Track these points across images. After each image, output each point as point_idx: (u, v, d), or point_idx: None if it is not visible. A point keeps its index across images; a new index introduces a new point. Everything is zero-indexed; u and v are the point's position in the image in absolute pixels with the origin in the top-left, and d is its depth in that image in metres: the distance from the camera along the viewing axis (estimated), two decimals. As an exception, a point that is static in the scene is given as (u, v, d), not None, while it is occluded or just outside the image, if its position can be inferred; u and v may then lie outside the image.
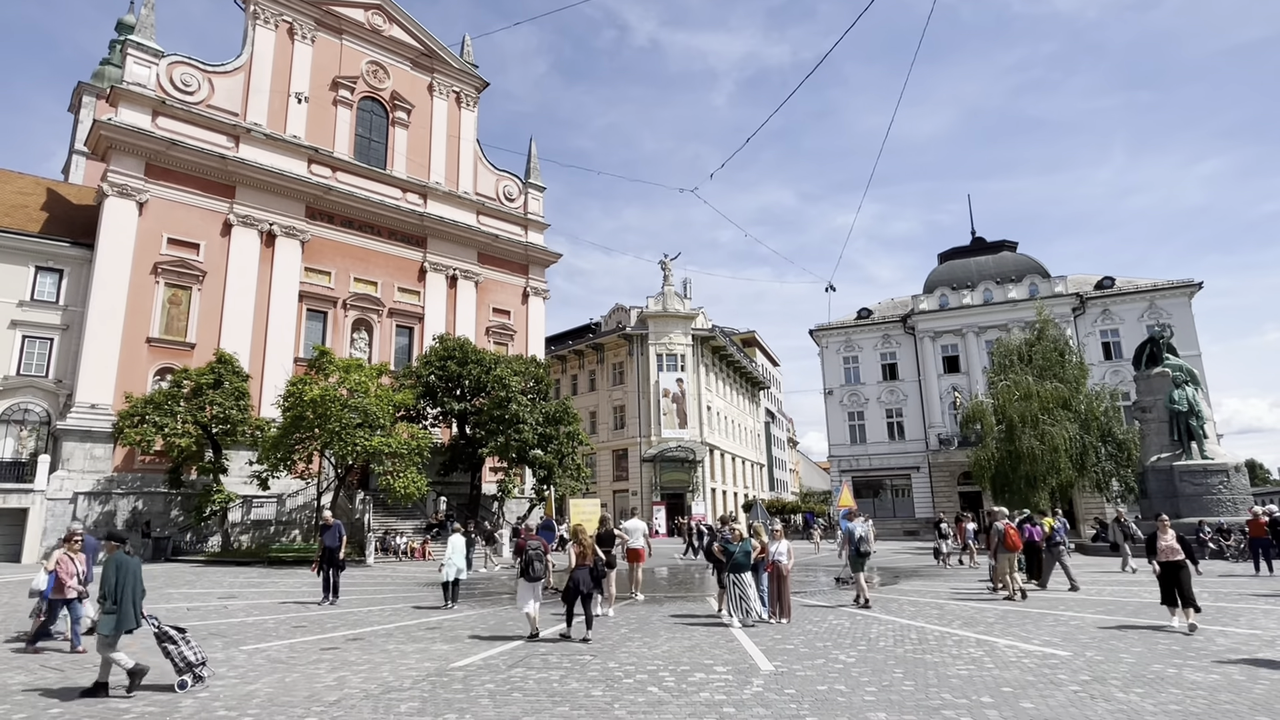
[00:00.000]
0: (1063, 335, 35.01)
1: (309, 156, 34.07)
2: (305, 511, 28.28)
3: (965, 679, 7.20)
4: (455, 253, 38.29)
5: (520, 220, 41.96)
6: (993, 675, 7.34)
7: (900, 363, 46.30)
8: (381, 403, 24.74)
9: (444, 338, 31.65)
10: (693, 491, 47.97)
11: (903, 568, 21.91)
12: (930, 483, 43.62)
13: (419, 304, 36.63)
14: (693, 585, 17.74)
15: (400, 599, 14.58)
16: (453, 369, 29.60)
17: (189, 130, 30.74)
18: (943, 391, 44.24)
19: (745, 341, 74.85)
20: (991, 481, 31.38)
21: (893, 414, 45.99)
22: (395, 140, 37.48)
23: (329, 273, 33.69)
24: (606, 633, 10.20)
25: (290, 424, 23.84)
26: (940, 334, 45.14)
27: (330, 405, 23.32)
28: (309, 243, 33.18)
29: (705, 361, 52.99)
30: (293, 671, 7.89)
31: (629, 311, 51.49)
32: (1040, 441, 29.18)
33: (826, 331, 48.15)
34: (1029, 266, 45.55)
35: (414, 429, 26.98)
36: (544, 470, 29.51)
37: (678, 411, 48.90)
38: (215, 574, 20.20)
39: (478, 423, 30.01)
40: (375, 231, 35.72)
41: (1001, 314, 43.63)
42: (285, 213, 32.62)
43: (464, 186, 39.68)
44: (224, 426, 25.09)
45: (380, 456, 24.38)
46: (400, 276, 36.16)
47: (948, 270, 47.77)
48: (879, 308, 50.21)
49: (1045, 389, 30.23)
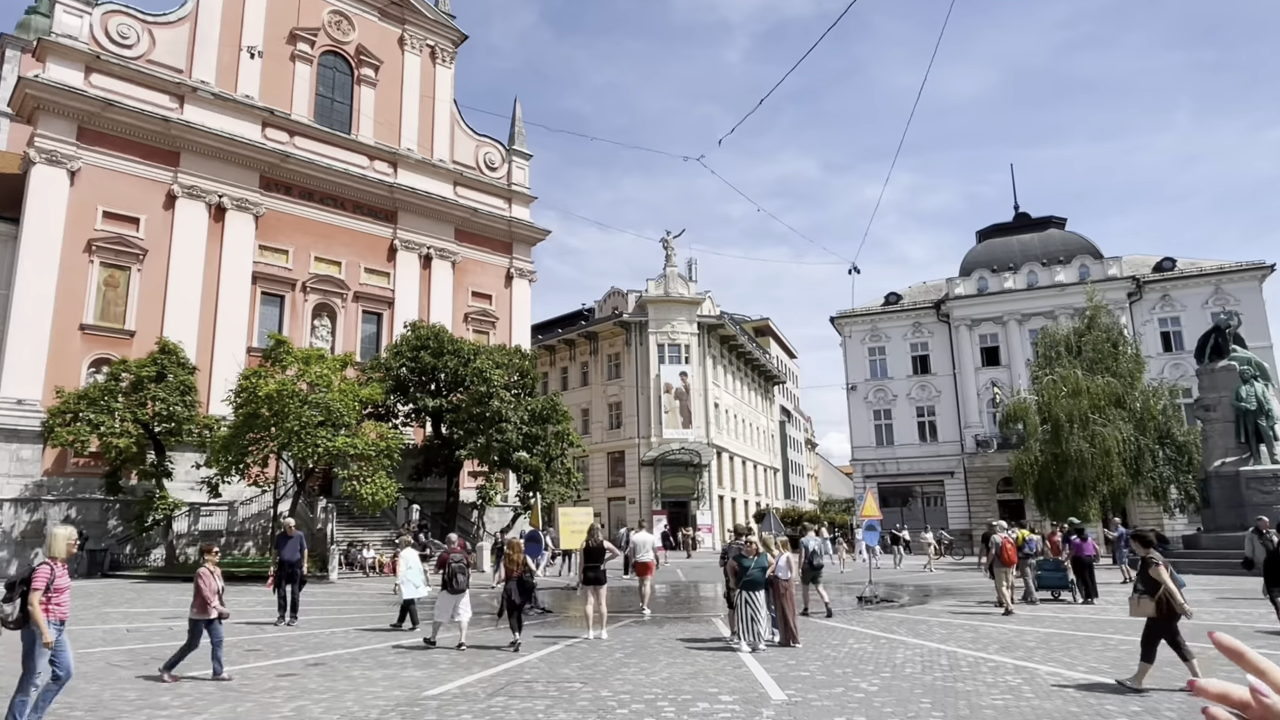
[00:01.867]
0: (1116, 324, 35.03)
1: (263, 119, 33.93)
2: (260, 521, 28.32)
3: (1001, 710, 7.25)
4: (429, 229, 38.22)
5: (503, 192, 41.84)
6: (1032, 706, 7.39)
7: (933, 354, 46.30)
8: (346, 398, 24.73)
9: (417, 325, 31.63)
10: (698, 499, 48.09)
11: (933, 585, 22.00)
12: (966, 490, 43.74)
13: (388, 287, 36.57)
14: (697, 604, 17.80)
15: (367, 619, 14.64)
16: (427, 360, 29.58)
17: (127, 89, 30.58)
18: (980, 387, 44.28)
19: (758, 330, 74.88)
20: (1034, 489, 31.44)
21: (924, 412, 46.04)
22: (361, 101, 37.34)
23: (286, 251, 33.62)
24: (599, 657, 10.25)
25: (243, 423, 23.83)
26: (978, 322, 45.14)
27: (288, 401, 23.31)
28: (264, 217, 33.10)
29: (712, 353, 52.98)
30: (245, 700, 7.93)
31: (626, 296, 51.46)
32: (1090, 444, 29.21)
33: (850, 319, 48.11)
34: (1079, 246, 45.51)
35: (383, 428, 26.99)
36: (529, 475, 29.54)
37: (681, 409, 48.95)
38: (159, 591, 20.23)
39: (455, 421, 30.02)
40: (339, 204, 35.63)
41: (1047, 299, 43.63)
42: (236, 183, 32.52)
43: (439, 154, 39.56)
44: (168, 425, 25.08)
45: (345, 459, 24.38)
46: (367, 255, 36.10)
47: (987, 250, 47.72)
48: (909, 292, 50.15)
49: (1096, 384, 30.25)
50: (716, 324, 52.39)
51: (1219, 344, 26.43)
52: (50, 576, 6.34)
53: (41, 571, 6.33)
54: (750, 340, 62.98)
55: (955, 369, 45.20)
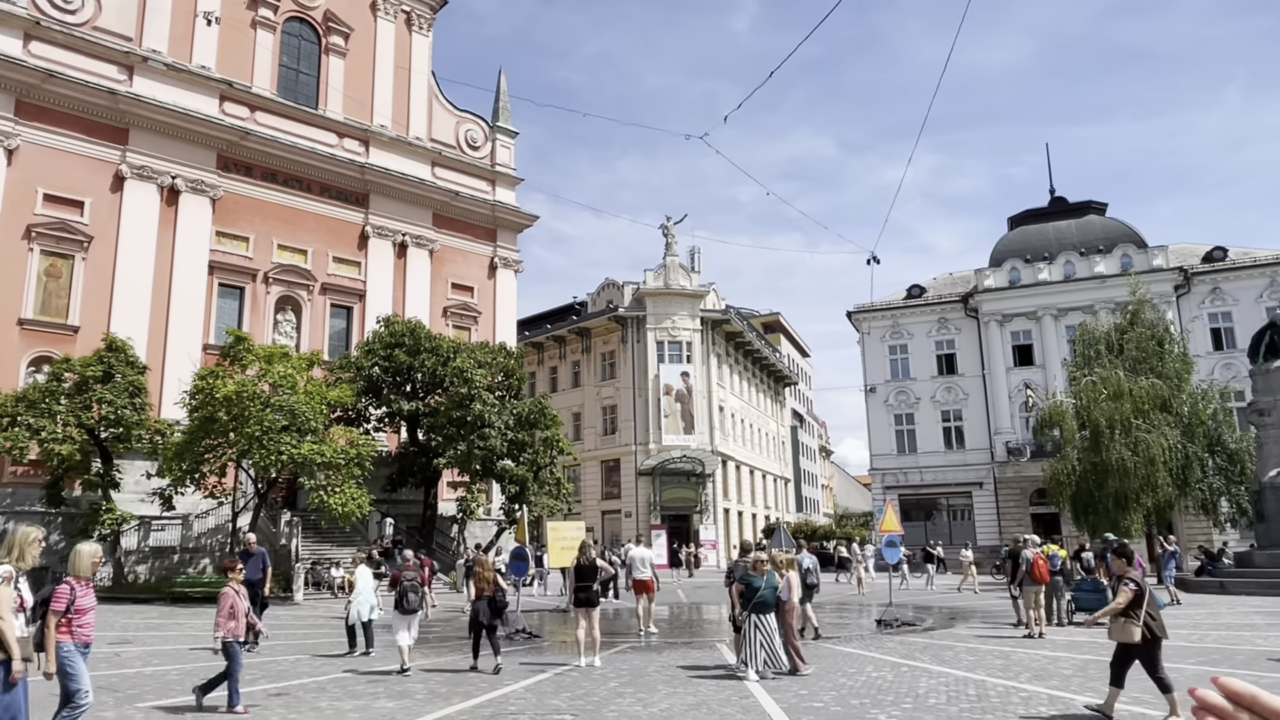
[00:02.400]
0: (1162, 319, 35.08)
1: (221, 92, 33.88)
2: (218, 536, 28.28)
3: (1034, 745, 7.25)
4: (405, 213, 38.20)
5: (486, 173, 41.80)
6: (1068, 740, 7.39)
7: (960, 353, 46.32)
8: (313, 401, 24.71)
9: (391, 320, 31.62)
10: (700, 512, 48.12)
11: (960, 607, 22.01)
12: (996, 502, 43.79)
13: (359, 277, 36.55)
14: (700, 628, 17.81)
15: (336, 644, 14.64)
16: (402, 359, 29.57)
17: (70, 59, 30.51)
18: (1012, 389, 44.32)
19: (768, 326, 74.89)
20: (1071, 501, 31.48)
21: (950, 417, 46.06)
22: (329, 72, 37.30)
23: (246, 238, 33.59)
24: (592, 686, 10.26)
25: (199, 427, 23.80)
26: (1010, 317, 45.18)
27: (248, 404, 23.28)
28: (221, 200, 33.05)
29: (717, 350, 53.00)
30: (201, 734, 7.90)
31: (622, 288, 51.47)
32: (1133, 451, 29.25)
33: (869, 314, 48.11)
34: (1121, 234, 45.55)
35: (353, 434, 26.99)
36: (515, 486, 29.54)
37: (682, 413, 48.96)
38: (106, 613, 20.18)
39: (433, 426, 30.00)
40: (305, 187, 35.60)
41: (1086, 292, 43.68)
42: (191, 163, 32.47)
43: (415, 131, 39.52)
44: (115, 430, 25.03)
45: (311, 468, 24.35)
46: (336, 243, 36.07)
47: (1020, 238, 47.74)
48: (934, 284, 50.15)
49: (1139, 386, 30.29)
50: (721, 319, 52.40)
51: (1275, 341, 26.48)
52: (71, 596, 6.28)
53: (61, 591, 6.27)
54: (759, 337, 62.99)
55: (984, 369, 45.24)
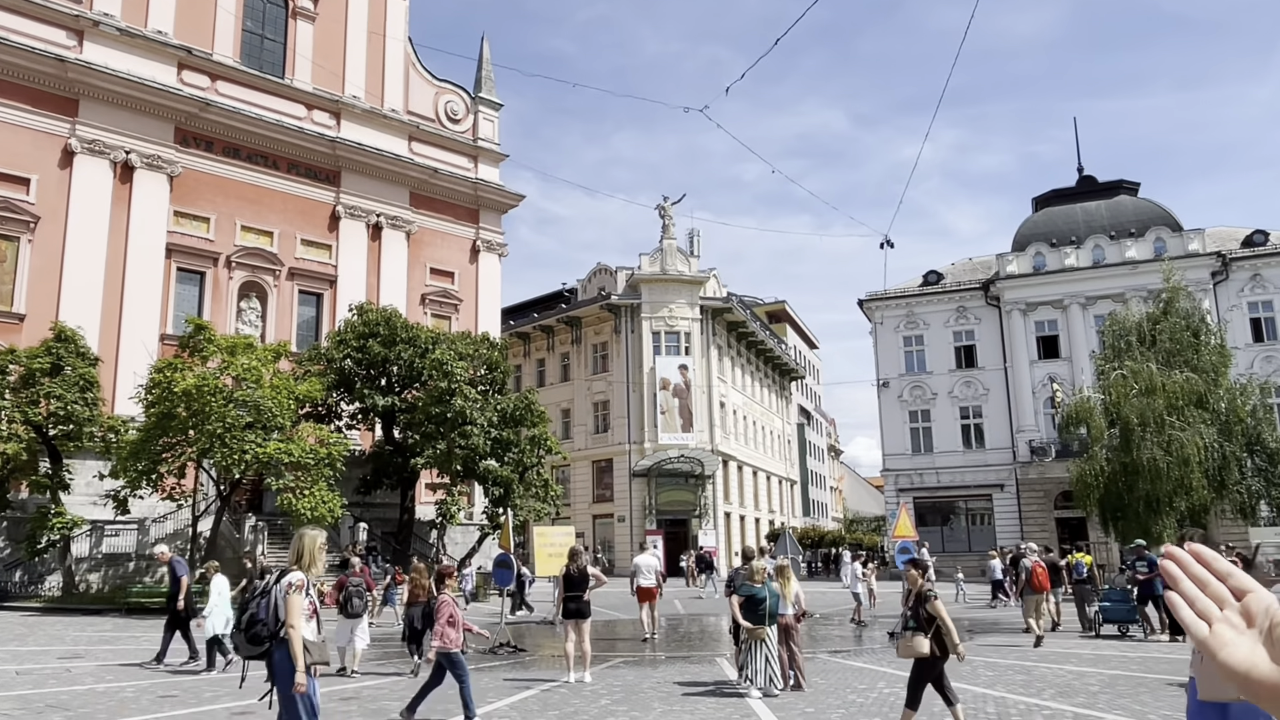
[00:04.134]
0: (1198, 308, 35.05)
1: (179, 60, 33.71)
2: (177, 542, 28.24)
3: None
4: (379, 192, 38.12)
5: (468, 149, 41.70)
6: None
7: (980, 344, 46.42)
8: (280, 396, 24.66)
9: (364, 308, 31.54)
10: (700, 516, 48.25)
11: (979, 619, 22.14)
12: (1018, 505, 43.95)
13: (330, 262, 36.48)
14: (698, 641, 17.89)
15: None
16: (376, 350, 29.53)
17: (14, 22, 30.29)
18: (1036, 384, 44.45)
19: (773, 315, 74.99)
20: (1100, 504, 31.54)
21: (969, 413, 46.18)
22: (297, 38, 37.14)
23: (207, 219, 33.48)
24: (582, 704, 10.30)
25: (155, 424, 23.73)
26: (1034, 305, 45.28)
27: (210, 399, 23.24)
28: (180, 178, 32.92)
29: (718, 342, 53.05)
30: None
31: (615, 274, 51.47)
32: (1166, 451, 29.29)
33: (882, 302, 48.16)
34: (1154, 215, 45.65)
35: (324, 431, 26.94)
36: (499, 488, 29.54)
37: (680, 409, 49.04)
38: (54, 625, 20.20)
39: (410, 423, 29.98)
40: (270, 163, 35.48)
41: (1116, 279, 43.79)
42: (147, 136, 32.31)
43: (391, 102, 39.40)
44: (65, 428, 24.95)
45: (278, 468, 24.31)
46: (305, 224, 35.99)
47: (1046, 220, 47.82)
48: (953, 270, 50.22)
49: (1173, 380, 30.34)
50: (723, 307, 52.44)
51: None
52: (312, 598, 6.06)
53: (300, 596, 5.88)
54: (763, 327, 63.07)
55: (1006, 362, 45.34)
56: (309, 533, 6.22)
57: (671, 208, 51.79)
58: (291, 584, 5.81)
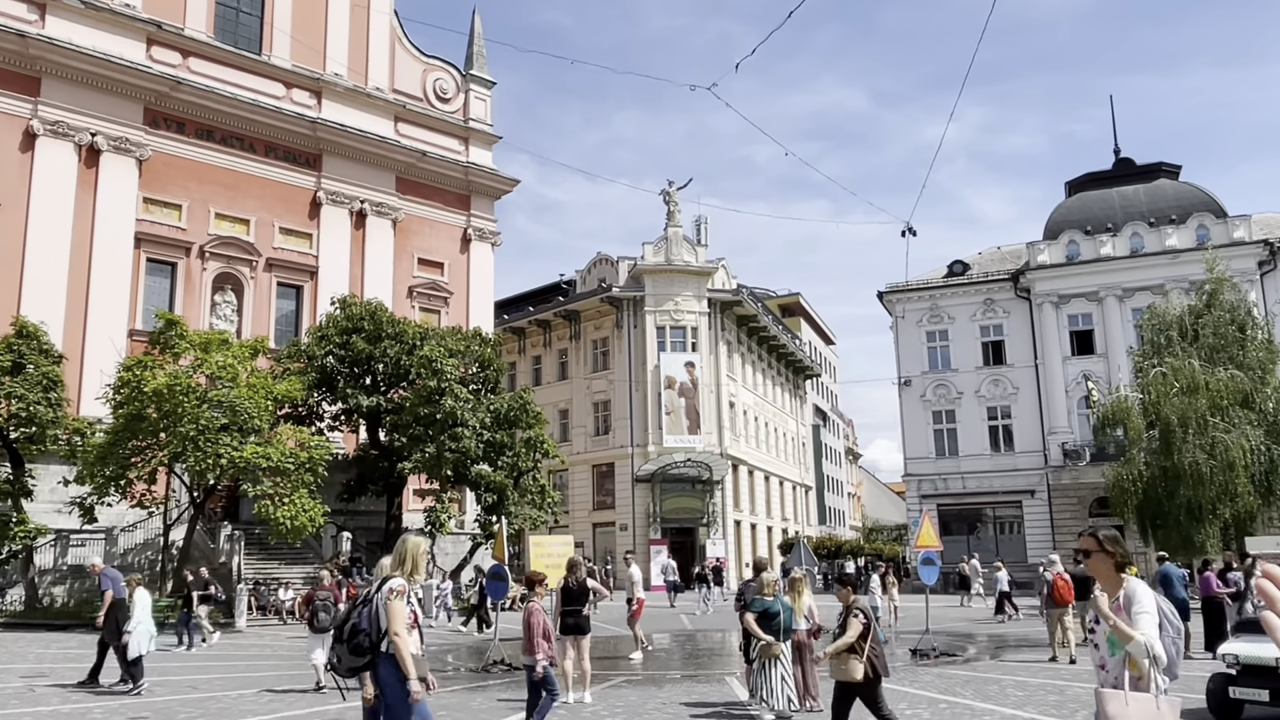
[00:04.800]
0: (1244, 301, 35.09)
1: (148, 35, 33.70)
2: (147, 552, 28.32)
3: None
4: (363, 177, 38.13)
5: (458, 130, 41.69)
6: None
7: (1009, 339, 46.37)
8: (257, 396, 24.70)
9: (348, 301, 31.57)
10: (707, 525, 48.25)
11: (1008, 634, 22.11)
12: (1050, 512, 43.92)
13: (311, 251, 36.50)
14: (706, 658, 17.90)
15: (285, 677, 14.68)
16: (360, 347, 29.55)
17: (-29, -5, 30.35)
18: (1070, 382, 44.41)
19: (786, 309, 74.90)
20: (1138, 511, 31.59)
21: (997, 414, 46.15)
22: (275, 11, 37.12)
23: (179, 206, 33.50)
24: (581, 727, 10.30)
25: (124, 426, 23.78)
26: (1067, 298, 45.22)
27: (182, 399, 23.26)
28: (149, 162, 32.95)
29: (727, 337, 53.01)
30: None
31: (617, 264, 51.45)
32: (1209, 454, 29.30)
33: (903, 294, 48.13)
34: (1196, 201, 45.56)
35: (304, 434, 26.97)
36: (492, 494, 29.56)
37: (686, 410, 49.03)
38: (17, 642, 20.23)
39: (397, 425, 30.00)
40: (246, 146, 35.49)
41: (1156, 269, 43.73)
42: (114, 117, 32.32)
43: (375, 80, 39.39)
44: (27, 430, 24.98)
45: (255, 473, 24.34)
46: (283, 211, 36.00)
47: (1080, 206, 47.74)
48: (980, 260, 50.16)
49: (1217, 379, 30.32)
50: (732, 300, 52.39)
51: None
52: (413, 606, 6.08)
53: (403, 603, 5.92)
54: (776, 322, 63.00)
55: (1038, 359, 45.30)
56: (413, 539, 6.39)
57: (677, 193, 51.70)
58: (393, 590, 5.87)
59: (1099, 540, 4.44)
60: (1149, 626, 4.18)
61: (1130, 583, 4.34)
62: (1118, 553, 4.38)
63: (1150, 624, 4.18)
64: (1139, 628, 4.16)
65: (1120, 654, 4.26)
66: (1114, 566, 4.38)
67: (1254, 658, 10.20)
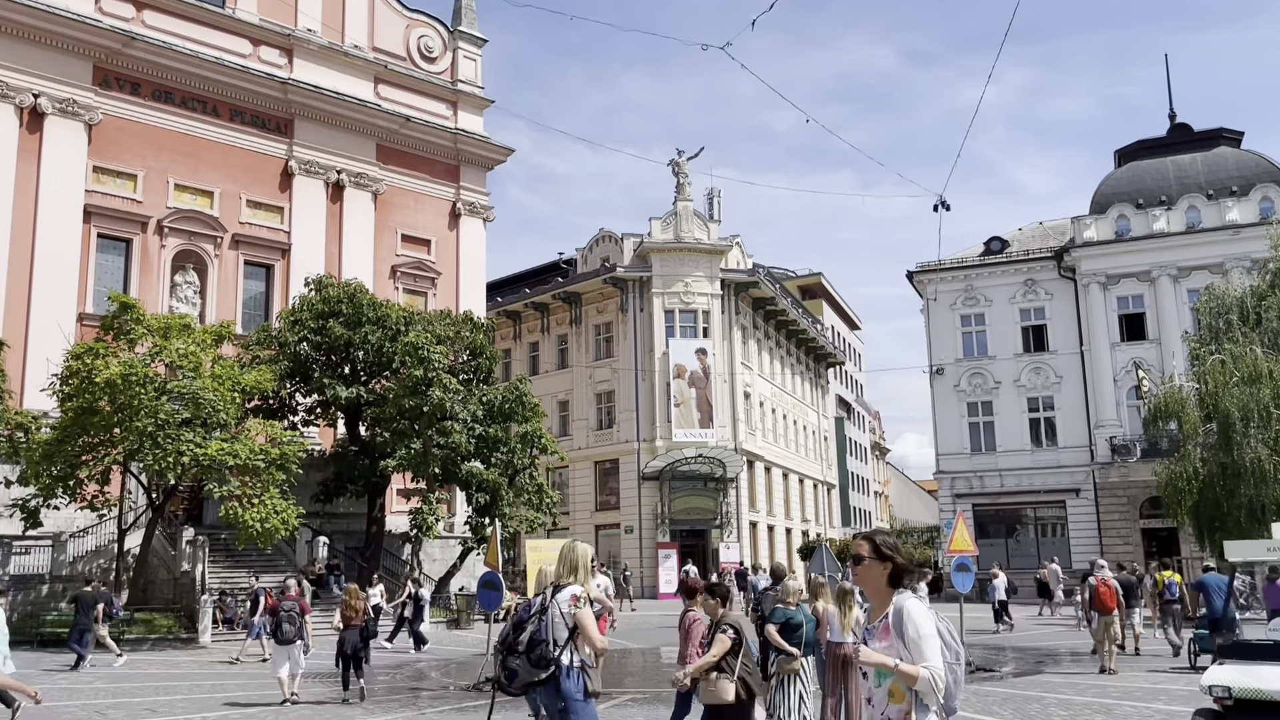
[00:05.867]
0: (1313, 280, 34.86)
1: (100, -13, 33.53)
2: (100, 560, 28.24)
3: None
4: (340, 144, 37.96)
5: (446, 93, 41.47)
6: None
7: (1052, 324, 46.21)
8: (223, 387, 24.59)
9: (323, 282, 31.46)
10: (721, 527, 48.22)
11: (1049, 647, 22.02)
12: (1096, 514, 43.82)
13: (282, 227, 36.36)
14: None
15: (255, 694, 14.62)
16: (338, 333, 29.45)
17: (-97, -56, 30.18)
18: (1119, 370, 44.24)
19: (807, 290, 74.78)
20: (1193, 512, 31.48)
21: (1038, 405, 45.99)
22: (241, -38, 36.90)
23: (134, 176, 33.34)
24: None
25: (74, 421, 23.67)
26: (1116, 278, 45.01)
27: (138, 391, 23.14)
28: (100, 126, 32.75)
29: (742, 322, 52.88)
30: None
31: (622, 242, 51.33)
32: (1272, 450, 29.20)
33: (936, 274, 47.94)
34: (1260, 171, 45.29)
35: (276, 429, 26.89)
36: (485, 494, 29.49)
37: (698, 401, 48.95)
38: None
39: (379, 419, 29.93)
40: (209, 109, 35.32)
41: (1214, 246, 43.49)
42: (60, 77, 32.07)
43: (353, 37, 39.18)
44: (-34, 425, 24.95)
45: (221, 472, 24.27)
46: (251, 183, 35.85)
47: (1131, 177, 47.48)
48: (1020, 237, 49.95)
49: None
50: (748, 281, 52.24)
51: None
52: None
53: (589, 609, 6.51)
54: (795, 305, 62.84)
55: (1083, 345, 45.13)
56: (580, 545, 6.86)
57: (688, 164, 51.59)
58: (576, 596, 6.31)
59: (875, 544, 4.07)
60: (933, 654, 3.82)
61: (900, 600, 3.97)
62: (895, 560, 4.02)
63: (935, 649, 3.84)
64: (923, 656, 3.80)
65: (887, 683, 3.91)
66: (888, 578, 4.02)
67: (1252, 690, 8.78)
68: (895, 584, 4.02)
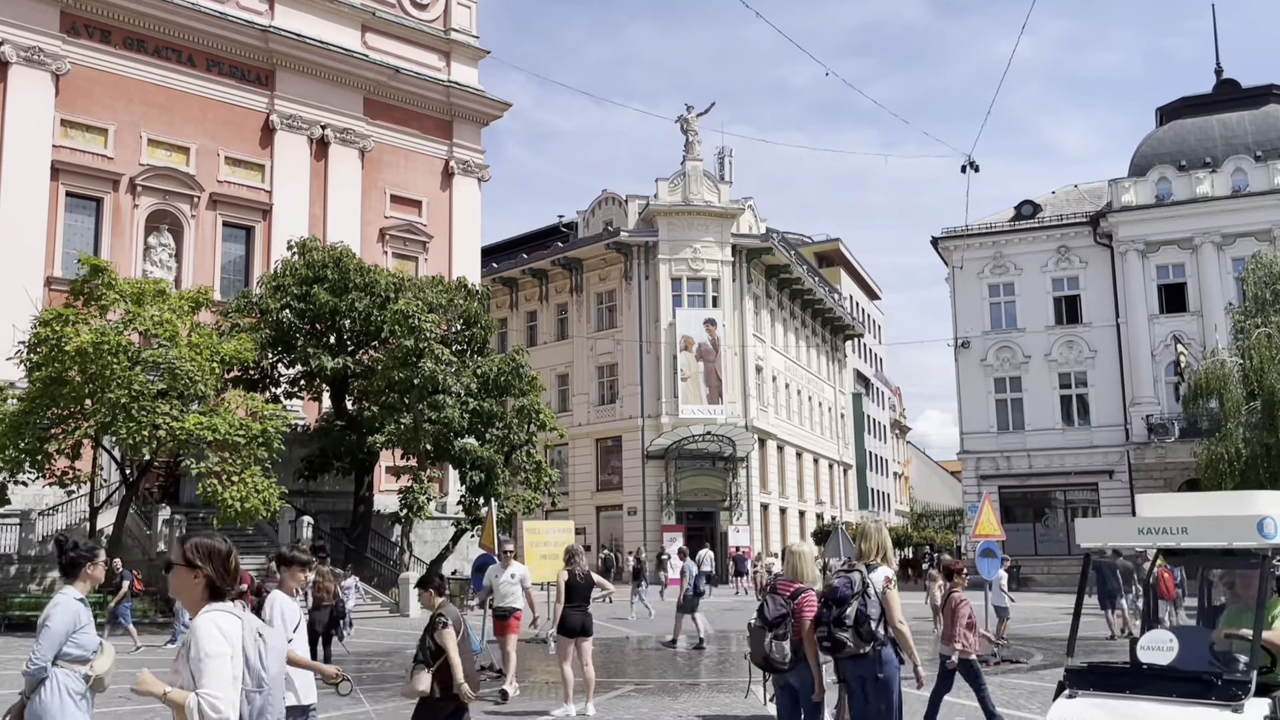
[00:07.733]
0: (1367, 249, 34.72)
1: (67, -73, 33.31)
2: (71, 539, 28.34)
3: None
4: (325, 98, 37.85)
5: (438, 42, 41.30)
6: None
7: (1086, 294, 46.07)
8: (200, 356, 24.61)
9: (307, 245, 31.43)
10: (730, 509, 48.34)
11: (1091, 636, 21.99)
12: (1131, 497, 43.69)
13: (263, 186, 36.34)
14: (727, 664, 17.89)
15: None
16: (323, 299, 29.43)
17: None
18: (1157, 344, 44.12)
19: (824, 258, 74.62)
20: (1236, 495, 31.39)
21: (1070, 381, 45.93)
22: (218, -101, 36.62)
23: (104, 130, 33.29)
24: (582, 746, 10.18)
25: (42, 392, 23.73)
26: (1156, 245, 44.83)
27: (111, 360, 23.20)
28: (68, 77, 32.66)
29: (754, 291, 52.78)
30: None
31: (626, 204, 51.19)
32: (1322, 429, 29.14)
33: (963, 240, 47.76)
34: (1313, 130, 44.99)
35: (257, 401, 26.97)
36: (479, 472, 29.54)
37: (706, 375, 48.92)
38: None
39: (367, 392, 29.95)
40: (185, 59, 35.21)
41: (1262, 211, 43.29)
42: (24, 23, 31.94)
43: (339, -18, 38.96)
44: (-72, 397, 24.97)
45: (199, 447, 24.33)
46: (230, 138, 35.78)
47: (1173, 136, 47.18)
48: (1053, 201, 49.71)
49: (1334, 340, 30.14)
50: (761, 247, 52.12)
51: None
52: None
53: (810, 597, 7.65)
54: (812, 273, 62.70)
55: (1119, 317, 45.00)
56: (876, 524, 8.03)
57: (698, 120, 51.41)
58: (889, 578, 7.37)
59: (183, 551, 3.82)
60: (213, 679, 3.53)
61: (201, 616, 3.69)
62: (205, 570, 3.75)
63: (216, 672, 3.55)
64: (200, 681, 3.53)
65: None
66: (203, 588, 3.77)
67: None
68: (216, 596, 3.78)
